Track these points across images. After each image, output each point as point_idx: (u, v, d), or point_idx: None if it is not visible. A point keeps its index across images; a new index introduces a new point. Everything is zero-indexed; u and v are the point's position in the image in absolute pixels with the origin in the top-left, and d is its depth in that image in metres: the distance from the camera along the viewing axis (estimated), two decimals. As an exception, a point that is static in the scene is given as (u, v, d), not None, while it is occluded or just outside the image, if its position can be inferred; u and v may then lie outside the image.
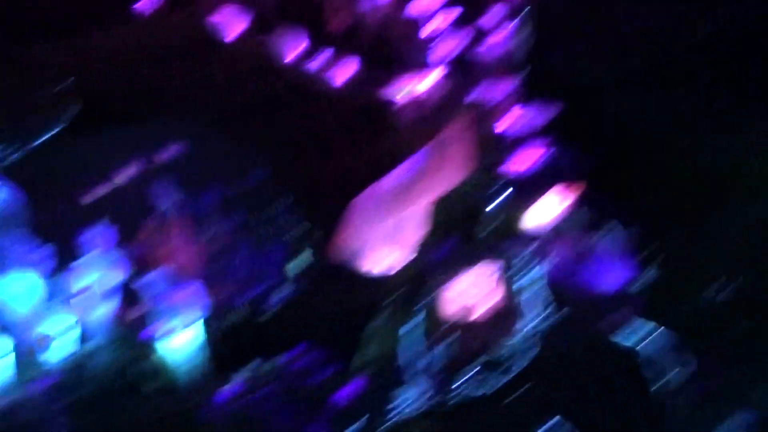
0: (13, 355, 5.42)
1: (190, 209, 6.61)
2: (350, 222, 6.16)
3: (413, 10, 6.95)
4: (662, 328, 5.23)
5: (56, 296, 5.49)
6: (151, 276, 5.44)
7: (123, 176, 6.80)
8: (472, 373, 5.01)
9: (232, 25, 6.92)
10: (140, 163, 6.93)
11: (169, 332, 5.32)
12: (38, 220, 6.33)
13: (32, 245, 5.53)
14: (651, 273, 5.55)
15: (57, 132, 6.89)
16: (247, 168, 6.76)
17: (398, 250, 6.07)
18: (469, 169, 6.00)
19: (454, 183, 5.93)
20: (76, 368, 5.39)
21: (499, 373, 4.98)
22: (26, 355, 5.46)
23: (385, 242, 6.09)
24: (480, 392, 4.98)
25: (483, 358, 5.03)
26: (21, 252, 5.46)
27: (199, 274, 6.23)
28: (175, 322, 5.33)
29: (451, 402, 4.97)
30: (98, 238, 5.59)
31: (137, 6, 6.99)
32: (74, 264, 5.53)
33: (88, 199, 6.84)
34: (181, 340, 5.34)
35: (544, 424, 4.82)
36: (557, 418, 4.81)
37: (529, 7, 6.76)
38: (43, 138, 6.96)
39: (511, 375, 4.96)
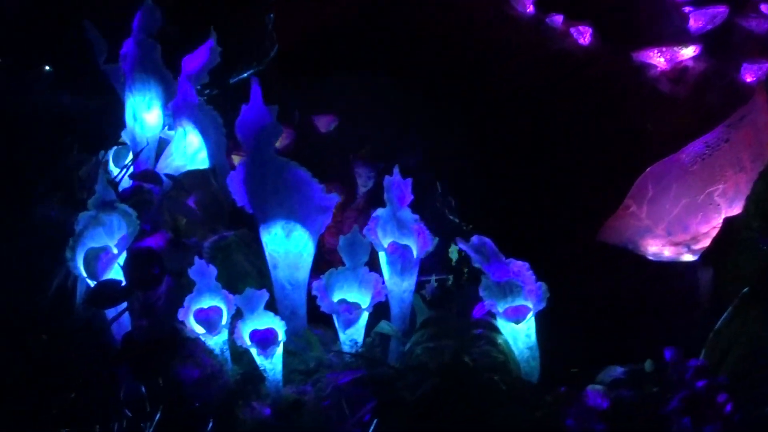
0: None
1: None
2: (642, 195, 5.14)
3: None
4: None
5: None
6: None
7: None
8: None
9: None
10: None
11: (515, 315, 4.14)
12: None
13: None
14: None
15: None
16: (467, 131, 5.71)
17: (702, 233, 5.11)
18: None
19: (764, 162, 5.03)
20: (381, 356, 4.12)
21: None
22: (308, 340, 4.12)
23: (687, 221, 5.12)
24: None
25: None
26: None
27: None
28: (516, 301, 4.13)
29: None
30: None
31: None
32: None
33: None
34: (522, 327, 3.98)
35: None
36: None
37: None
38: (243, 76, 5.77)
39: None
